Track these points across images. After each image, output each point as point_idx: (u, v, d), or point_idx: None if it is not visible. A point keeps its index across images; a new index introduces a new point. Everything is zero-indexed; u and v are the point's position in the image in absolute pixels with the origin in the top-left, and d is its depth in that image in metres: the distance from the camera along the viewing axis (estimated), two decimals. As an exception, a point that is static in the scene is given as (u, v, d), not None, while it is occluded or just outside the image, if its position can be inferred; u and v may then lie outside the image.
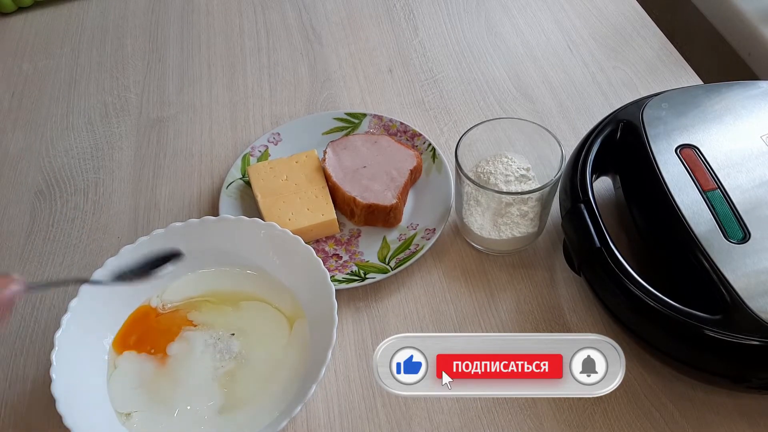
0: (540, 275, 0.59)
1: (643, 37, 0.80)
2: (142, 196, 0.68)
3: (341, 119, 0.70)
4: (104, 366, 0.51)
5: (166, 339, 0.52)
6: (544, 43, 0.80)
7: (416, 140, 0.68)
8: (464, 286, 0.59)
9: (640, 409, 0.50)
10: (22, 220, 0.66)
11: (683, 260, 0.48)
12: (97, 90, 0.79)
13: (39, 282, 0.41)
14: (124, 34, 0.86)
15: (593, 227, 0.51)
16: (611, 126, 0.57)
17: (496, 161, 0.59)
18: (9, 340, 0.57)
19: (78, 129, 0.75)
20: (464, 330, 0.56)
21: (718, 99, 0.57)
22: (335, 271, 0.58)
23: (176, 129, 0.74)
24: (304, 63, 0.81)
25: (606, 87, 0.74)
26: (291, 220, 0.60)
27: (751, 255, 0.46)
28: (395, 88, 0.77)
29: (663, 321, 0.46)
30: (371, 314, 0.57)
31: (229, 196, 0.64)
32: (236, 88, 0.78)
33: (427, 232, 0.60)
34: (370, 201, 0.61)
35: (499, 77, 0.77)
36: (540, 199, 0.56)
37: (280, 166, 0.64)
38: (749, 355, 0.45)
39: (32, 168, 0.71)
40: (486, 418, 0.51)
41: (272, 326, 0.53)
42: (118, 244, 0.61)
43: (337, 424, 0.51)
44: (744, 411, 0.50)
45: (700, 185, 0.51)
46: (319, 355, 0.48)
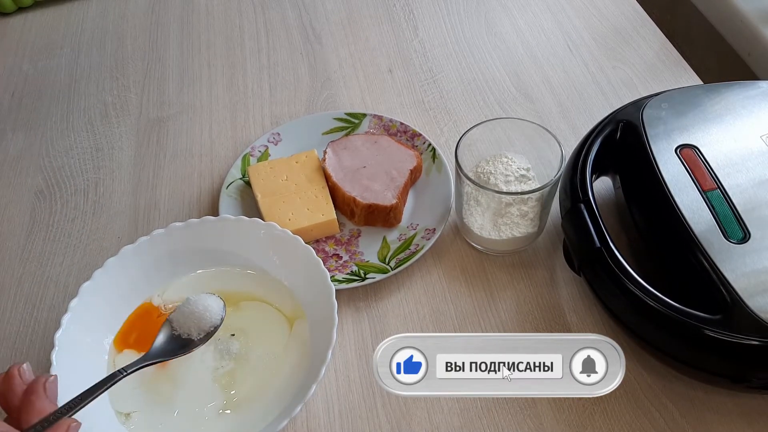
0: (540, 275, 0.59)
1: (643, 37, 0.80)
2: (142, 196, 0.68)
3: (341, 119, 0.70)
4: (104, 366, 0.51)
5: (166, 339, 0.52)
6: (544, 43, 0.80)
7: (416, 140, 0.68)
8: (464, 286, 0.59)
9: (640, 409, 0.50)
10: (22, 220, 0.66)
11: (683, 260, 0.48)
12: (97, 90, 0.79)
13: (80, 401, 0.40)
14: (124, 34, 0.86)
15: (593, 227, 0.51)
16: (611, 126, 0.57)
17: (496, 161, 0.59)
18: (9, 340, 0.57)
19: (78, 129, 0.75)
20: (464, 330, 0.56)
21: (717, 99, 0.57)
22: (335, 271, 0.58)
23: (176, 129, 0.74)
24: (304, 63, 0.81)
25: (606, 87, 0.74)
26: (291, 220, 0.60)
27: (751, 255, 0.46)
28: (395, 88, 0.77)
29: (663, 321, 0.46)
30: (371, 314, 0.57)
31: (229, 196, 0.64)
32: (236, 88, 0.78)
33: (427, 232, 0.60)
34: (370, 201, 0.61)
35: (499, 77, 0.77)
36: (540, 199, 0.56)
37: (280, 166, 0.65)
38: (749, 355, 0.45)
39: (32, 168, 0.71)
40: (486, 418, 0.51)
41: (272, 326, 0.53)
42: (118, 244, 0.61)
43: (337, 424, 0.51)
44: (744, 411, 0.50)
45: (700, 185, 0.51)
46: (319, 355, 0.48)
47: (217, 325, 0.49)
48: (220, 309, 0.50)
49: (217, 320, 0.50)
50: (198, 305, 0.49)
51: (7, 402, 0.38)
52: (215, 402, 0.49)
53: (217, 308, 0.50)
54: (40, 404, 0.37)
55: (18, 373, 0.39)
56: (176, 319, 0.49)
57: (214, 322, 0.49)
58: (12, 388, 0.38)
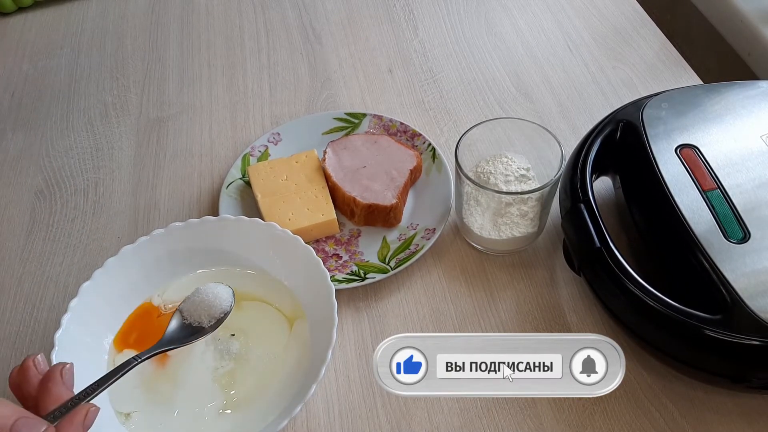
0: (540, 275, 0.59)
1: (643, 37, 0.80)
2: (142, 196, 0.68)
3: (341, 119, 0.70)
4: (104, 366, 0.51)
5: (166, 339, 0.52)
6: (544, 43, 0.80)
7: (416, 140, 0.68)
8: (464, 286, 0.59)
9: (640, 409, 0.50)
10: (22, 220, 0.66)
11: (683, 260, 0.48)
12: (97, 90, 0.79)
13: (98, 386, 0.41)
14: (124, 34, 0.86)
15: (593, 227, 0.51)
16: (611, 126, 0.57)
17: (496, 161, 0.59)
18: (9, 340, 0.57)
19: (78, 129, 0.75)
20: (464, 330, 0.56)
21: (717, 99, 0.57)
22: (335, 271, 0.58)
23: (176, 129, 0.74)
24: (304, 63, 0.81)
25: (606, 87, 0.74)
26: (291, 220, 0.60)
27: (751, 255, 0.46)
28: (395, 88, 0.77)
29: (663, 321, 0.46)
30: (371, 314, 0.57)
31: (229, 196, 0.64)
32: (236, 88, 0.78)
33: (427, 232, 0.60)
34: (370, 201, 0.61)
35: (499, 77, 0.77)
36: (540, 199, 0.56)
37: (280, 166, 0.65)
38: (749, 355, 0.45)
39: (32, 168, 0.71)
40: (486, 418, 0.51)
41: (272, 326, 0.53)
42: (118, 244, 0.61)
43: (337, 424, 0.51)
44: (744, 411, 0.50)
45: (700, 185, 0.51)
46: (319, 355, 0.48)
47: (227, 311, 0.50)
48: (230, 296, 0.51)
49: (227, 307, 0.50)
50: (208, 293, 0.50)
51: (23, 392, 0.38)
52: (215, 402, 0.49)
53: (226, 295, 0.51)
54: (57, 391, 0.38)
55: (33, 364, 0.39)
56: (186, 309, 0.50)
57: (225, 308, 0.50)
58: (28, 379, 0.38)
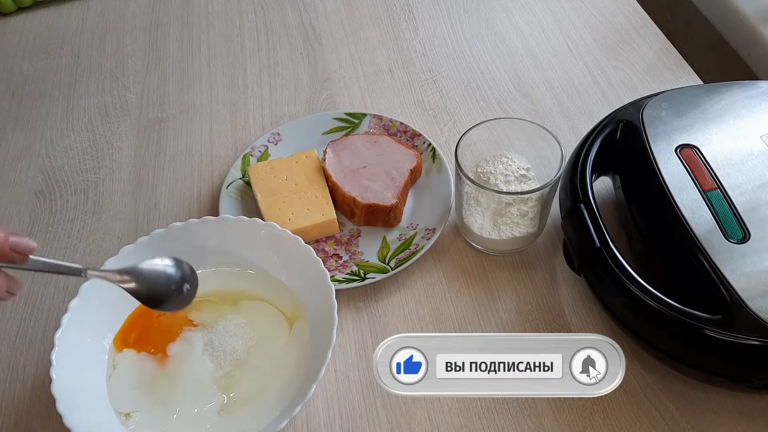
0: (540, 275, 0.59)
1: (643, 37, 0.80)
2: (142, 196, 0.68)
3: (341, 119, 0.70)
4: (104, 366, 0.51)
5: (166, 339, 0.52)
6: (544, 43, 0.80)
7: (416, 140, 0.68)
8: (464, 286, 0.59)
9: (640, 409, 0.50)
10: (22, 220, 0.66)
11: (683, 260, 0.48)
12: (97, 90, 0.79)
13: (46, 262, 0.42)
14: (124, 34, 0.86)
15: (593, 227, 0.51)
16: (611, 126, 0.57)
17: (496, 161, 0.59)
18: (9, 340, 0.57)
19: (78, 129, 0.75)
20: (464, 330, 0.56)
21: (718, 99, 0.57)
22: (335, 271, 0.58)
23: (176, 129, 0.74)
24: (304, 63, 0.81)
25: (606, 87, 0.74)
26: (291, 220, 0.60)
27: (751, 255, 0.46)
28: (395, 88, 0.77)
29: (663, 321, 0.46)
30: (371, 314, 0.57)
31: (229, 196, 0.64)
32: (236, 88, 0.78)
33: (427, 232, 0.60)
34: (370, 201, 0.61)
35: (499, 77, 0.77)
36: (540, 199, 0.56)
37: (280, 166, 0.64)
38: (749, 355, 0.45)
39: (32, 168, 0.71)
40: (486, 418, 0.51)
41: (272, 326, 0.53)
42: (118, 244, 0.61)
43: (337, 424, 0.51)
44: (744, 411, 0.50)
45: (700, 185, 0.51)
46: (319, 355, 0.48)
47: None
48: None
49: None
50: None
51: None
52: (215, 402, 0.49)
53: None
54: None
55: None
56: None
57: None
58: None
